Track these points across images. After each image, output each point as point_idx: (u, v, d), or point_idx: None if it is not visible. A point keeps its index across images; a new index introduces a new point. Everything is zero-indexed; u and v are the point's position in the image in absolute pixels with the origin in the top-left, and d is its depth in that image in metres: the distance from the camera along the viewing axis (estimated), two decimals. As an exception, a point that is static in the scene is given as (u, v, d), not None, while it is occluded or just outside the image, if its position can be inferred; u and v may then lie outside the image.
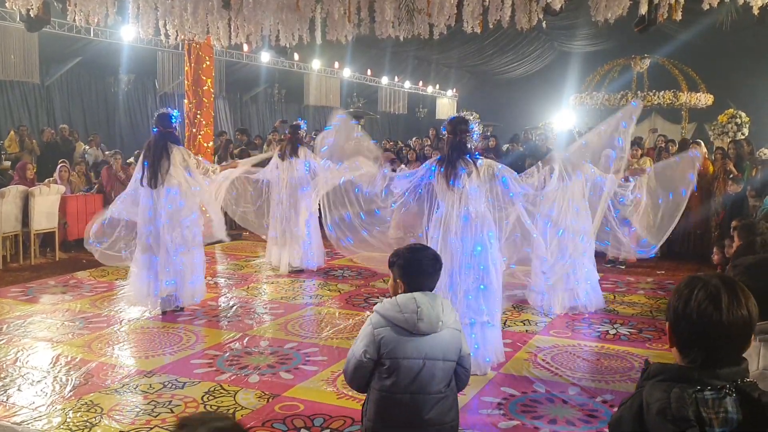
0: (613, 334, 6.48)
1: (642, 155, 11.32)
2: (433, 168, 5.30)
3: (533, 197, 5.61)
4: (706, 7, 7.03)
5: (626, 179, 7.12)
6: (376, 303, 3.11)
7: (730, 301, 1.74)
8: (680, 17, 7.41)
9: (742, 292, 1.78)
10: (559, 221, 6.60)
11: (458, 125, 5.23)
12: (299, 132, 9.19)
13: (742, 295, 1.76)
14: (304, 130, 9.26)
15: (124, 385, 5.05)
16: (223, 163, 9.01)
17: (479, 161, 5.25)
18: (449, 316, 3.01)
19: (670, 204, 7.00)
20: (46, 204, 9.61)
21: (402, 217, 5.59)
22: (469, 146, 5.28)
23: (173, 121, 7.11)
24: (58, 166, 10.67)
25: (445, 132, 5.41)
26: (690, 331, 1.77)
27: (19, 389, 4.96)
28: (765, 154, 10.82)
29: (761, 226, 4.37)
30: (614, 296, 7.77)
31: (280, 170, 9.00)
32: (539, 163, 6.10)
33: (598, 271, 7.45)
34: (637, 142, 12.77)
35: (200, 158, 7.61)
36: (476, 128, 5.36)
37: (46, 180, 10.41)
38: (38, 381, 5.12)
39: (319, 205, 6.83)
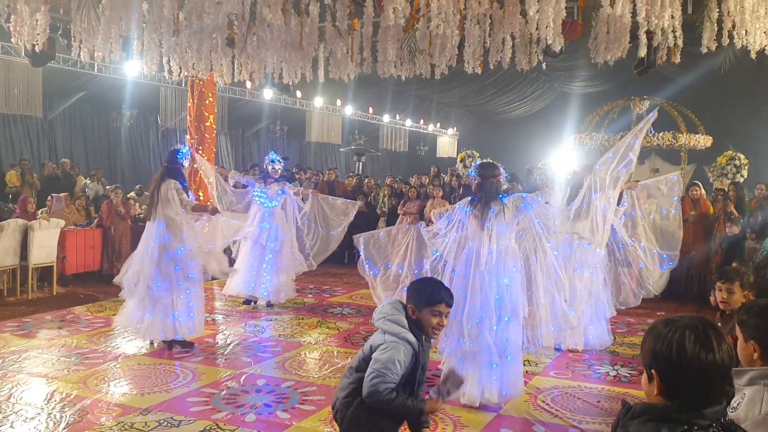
0: (614, 376, 6.42)
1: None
2: (466, 210, 5.55)
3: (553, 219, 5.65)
4: (704, 50, 7.11)
5: (619, 200, 6.98)
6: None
7: (718, 340, 1.76)
8: (679, 60, 7.50)
9: (719, 329, 1.81)
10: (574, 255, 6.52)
11: (491, 170, 5.51)
12: (266, 166, 9.18)
13: (719, 333, 1.79)
14: (276, 163, 9.09)
15: (119, 423, 4.98)
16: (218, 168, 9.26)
17: (504, 200, 5.47)
18: None
19: (665, 220, 7.03)
20: (46, 238, 9.57)
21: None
22: (504, 188, 5.58)
23: (179, 157, 7.23)
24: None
25: (474, 176, 5.70)
26: (685, 377, 1.76)
27: (12, 426, 4.88)
28: (764, 189, 10.78)
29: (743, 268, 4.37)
30: (615, 337, 7.70)
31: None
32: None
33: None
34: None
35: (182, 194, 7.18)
36: (503, 171, 5.60)
37: (41, 211, 10.42)
38: (32, 418, 5.05)
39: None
